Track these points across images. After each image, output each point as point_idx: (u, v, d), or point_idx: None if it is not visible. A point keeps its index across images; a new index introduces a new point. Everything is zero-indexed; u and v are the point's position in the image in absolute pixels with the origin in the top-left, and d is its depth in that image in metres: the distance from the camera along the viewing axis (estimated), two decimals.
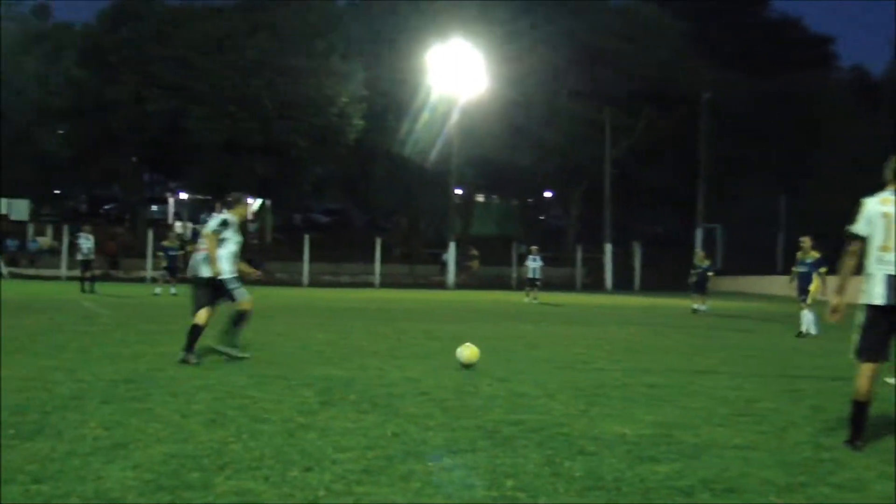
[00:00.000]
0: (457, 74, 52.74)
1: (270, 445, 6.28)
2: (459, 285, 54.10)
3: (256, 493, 5.12)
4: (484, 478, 5.59)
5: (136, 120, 52.90)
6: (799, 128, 72.81)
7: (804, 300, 19.06)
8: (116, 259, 53.42)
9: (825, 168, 71.05)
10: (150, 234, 50.57)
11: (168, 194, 78.53)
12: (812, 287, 19.00)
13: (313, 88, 53.55)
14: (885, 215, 7.09)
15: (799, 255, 19.90)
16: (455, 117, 54.18)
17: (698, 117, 65.79)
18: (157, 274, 33.52)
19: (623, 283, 58.73)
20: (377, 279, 52.28)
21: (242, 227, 12.77)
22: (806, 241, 19.87)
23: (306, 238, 51.14)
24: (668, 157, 69.88)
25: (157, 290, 32.38)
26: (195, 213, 74.52)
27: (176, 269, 31.56)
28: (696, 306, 29.84)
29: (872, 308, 6.89)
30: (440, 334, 16.78)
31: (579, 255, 59.74)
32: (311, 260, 51.16)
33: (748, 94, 72.54)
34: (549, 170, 65.70)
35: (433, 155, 57.23)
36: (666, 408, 8.44)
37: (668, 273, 58.95)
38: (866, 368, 6.98)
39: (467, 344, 11.83)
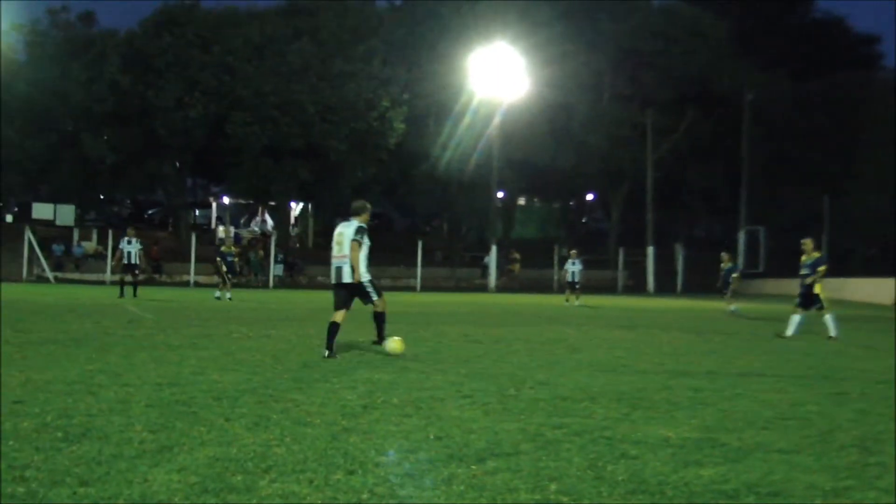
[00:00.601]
0: (498, 77, 52.73)
1: (314, 448, 6.30)
2: (501, 288, 54.13)
3: (300, 496, 5.14)
4: (527, 481, 5.57)
5: (178, 125, 53.41)
6: (842, 129, 72.13)
7: (799, 303, 18.75)
8: (160, 263, 53.86)
9: (869, 169, 70.38)
10: (194, 239, 51.05)
11: (211, 199, 79.08)
12: (817, 289, 18.62)
13: (354, 93, 53.81)
14: None
15: (803, 258, 19.37)
16: (496, 120, 54.19)
17: (741, 119, 65.38)
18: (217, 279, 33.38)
19: (665, 286, 58.45)
20: (418, 282, 52.38)
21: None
22: (808, 244, 19.41)
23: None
24: (710, 158, 69.46)
25: (217, 293, 32.36)
26: (237, 217, 75.01)
27: (233, 273, 31.79)
28: (732, 308, 29.68)
29: None
30: (481, 337, 16.79)
31: (621, 257, 59.60)
32: None
33: (791, 94, 72.01)
34: (591, 172, 65.48)
35: (474, 158, 57.25)
36: (709, 411, 8.38)
37: (711, 276, 58.68)
38: None
39: (394, 338, 12.96)
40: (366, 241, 13.03)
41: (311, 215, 67.32)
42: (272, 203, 65.25)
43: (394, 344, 12.88)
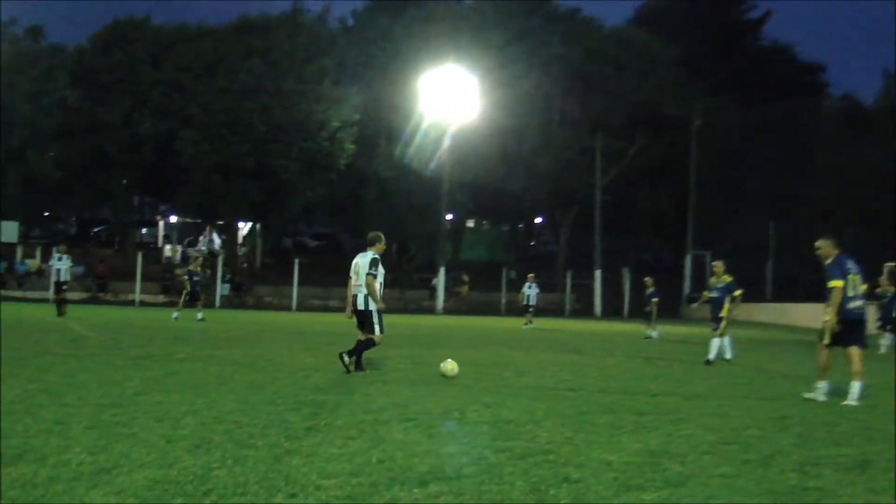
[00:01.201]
0: (449, 100, 52.88)
1: (255, 471, 6.25)
2: (449, 310, 54.09)
3: None
4: None
5: (127, 142, 53.02)
6: (789, 155, 73.05)
7: (716, 328, 18.41)
8: (105, 282, 53.32)
9: (815, 195, 71.27)
10: (140, 257, 50.59)
11: (159, 217, 78.39)
12: (723, 312, 18.33)
13: (305, 113, 53.69)
14: None
15: (712, 280, 19.20)
16: (447, 143, 54.29)
17: (689, 144, 66.06)
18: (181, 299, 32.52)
19: (612, 310, 58.77)
20: None
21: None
22: (718, 266, 18.97)
23: (296, 262, 51.11)
24: (658, 183, 70.05)
25: (176, 313, 30.86)
26: (185, 235, 74.43)
27: (198, 294, 31.21)
28: (651, 333, 30.17)
29: None
30: (428, 359, 16.76)
31: (569, 280, 59.81)
32: (301, 284, 51.14)
33: (739, 120, 72.86)
34: (540, 195, 65.76)
35: (424, 180, 57.28)
36: (653, 435, 8.43)
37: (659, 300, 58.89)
38: None
39: (448, 360, 13.25)
40: (381, 271, 14.29)
41: (259, 235, 66.93)
42: (220, 222, 64.78)
43: (450, 366, 13.43)
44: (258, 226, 66.15)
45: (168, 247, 70.07)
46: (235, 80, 52.85)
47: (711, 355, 17.91)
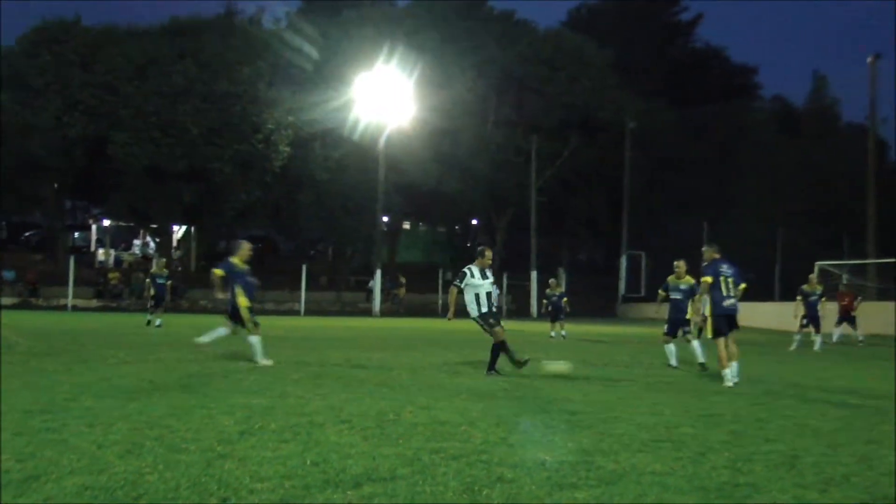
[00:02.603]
0: (384, 102, 52.88)
1: (187, 476, 6.19)
2: (386, 313, 54.06)
3: None
4: None
5: (58, 145, 52.21)
6: (722, 156, 74.01)
7: (687, 331, 18.10)
8: (36, 287, 52.54)
9: (747, 195, 72.25)
10: (72, 262, 49.90)
11: (91, 221, 77.36)
12: (689, 314, 17.97)
13: (238, 115, 53.34)
14: None
15: (671, 278, 18.74)
16: (382, 145, 54.25)
17: (623, 146, 66.65)
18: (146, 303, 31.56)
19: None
20: (302, 307, 52.02)
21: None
22: (681, 266, 18.60)
23: None
24: (593, 184, 70.64)
25: (158, 321, 30.04)
26: (119, 239, 73.57)
27: (162, 298, 30.52)
28: (552, 333, 30.70)
29: None
30: (364, 362, 16.74)
31: (505, 282, 60.05)
32: None
33: (672, 122, 73.65)
34: (476, 197, 66.00)
35: (360, 182, 57.19)
36: (586, 434, 8.48)
37: (593, 300, 59.44)
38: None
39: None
40: (472, 283, 15.19)
41: (194, 238, 66.34)
42: (154, 226, 64.10)
43: (560, 366, 15.00)
44: (192, 229, 65.58)
45: (101, 251, 69.18)
46: (167, 81, 52.35)
47: (701, 359, 17.35)
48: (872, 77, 48.91)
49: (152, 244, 68.08)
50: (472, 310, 15.24)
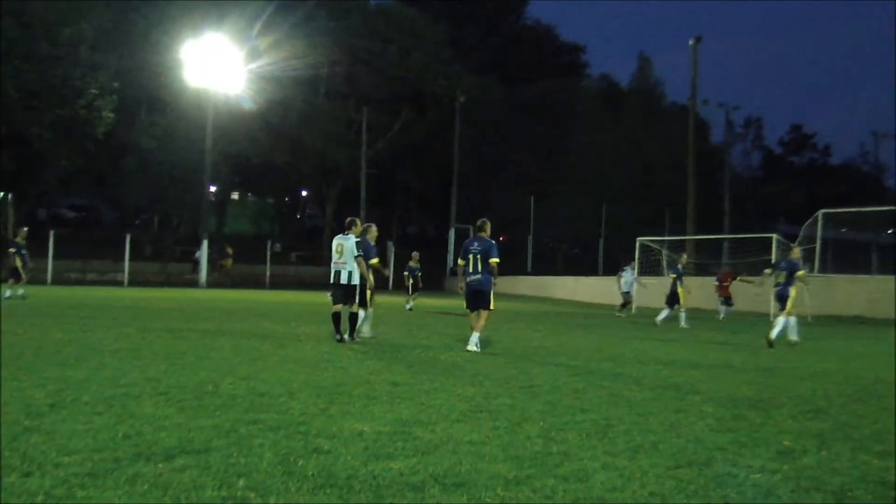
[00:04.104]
0: (213, 70, 51.83)
1: None
2: (212, 284, 53.24)
3: None
4: (215, 478, 5.46)
5: None
6: (549, 133, 75.37)
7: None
8: None
9: (574, 171, 73.83)
10: None
11: None
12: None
13: (60, 78, 51.39)
14: None
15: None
16: (210, 114, 53.21)
17: (453, 120, 67.16)
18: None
19: (378, 283, 59.16)
20: (126, 277, 50.77)
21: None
22: (795, 251, 20.62)
23: (51, 234, 49.04)
24: (424, 158, 71.03)
25: (8, 292, 28.41)
26: None
27: (25, 267, 28.96)
28: (408, 305, 32.34)
29: None
30: (186, 333, 16.45)
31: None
32: (57, 257, 49.15)
33: (502, 99, 74.59)
34: (306, 169, 65.58)
35: (187, 151, 56.08)
36: (406, 405, 8.51)
37: (423, 273, 59.61)
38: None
39: None
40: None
41: (11, 205, 63.85)
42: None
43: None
44: (10, 196, 63.10)
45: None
46: None
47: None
48: (694, 58, 50.49)
49: None
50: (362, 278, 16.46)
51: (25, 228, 31.20)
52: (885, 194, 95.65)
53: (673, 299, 27.09)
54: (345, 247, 16.17)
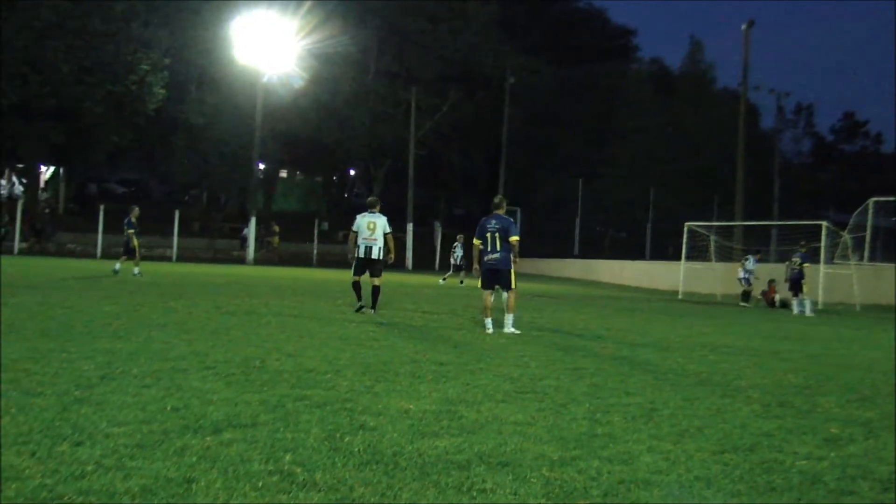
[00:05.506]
0: (263, 47, 51.99)
1: (40, 420, 6.02)
2: (259, 261, 53.58)
3: (19, 468, 4.89)
4: (262, 452, 5.50)
5: None
6: (599, 116, 74.98)
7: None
8: None
9: (621, 156, 73.46)
10: None
11: None
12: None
13: (112, 54, 51.76)
14: None
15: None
16: (260, 91, 53.43)
17: (502, 102, 66.96)
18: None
19: (423, 263, 59.30)
20: (174, 252, 51.19)
21: None
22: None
23: (101, 208, 49.50)
24: (472, 139, 70.93)
25: (136, 270, 28.74)
26: None
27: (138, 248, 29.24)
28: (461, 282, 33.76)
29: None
30: (233, 309, 16.56)
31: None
32: (106, 231, 49.53)
33: (551, 81, 74.23)
34: (354, 148, 65.68)
35: (236, 128, 56.37)
36: (452, 384, 8.53)
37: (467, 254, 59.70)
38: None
39: None
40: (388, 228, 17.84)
41: (62, 180, 64.59)
42: (20, 165, 62.06)
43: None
44: (61, 170, 63.83)
45: None
46: (37, 16, 50.42)
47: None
48: (746, 43, 49.91)
49: (18, 185, 66.00)
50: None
51: (137, 208, 31.30)
52: None
53: (796, 286, 27.35)
54: (377, 224, 17.55)
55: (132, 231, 28.72)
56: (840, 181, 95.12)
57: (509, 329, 14.72)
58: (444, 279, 34.76)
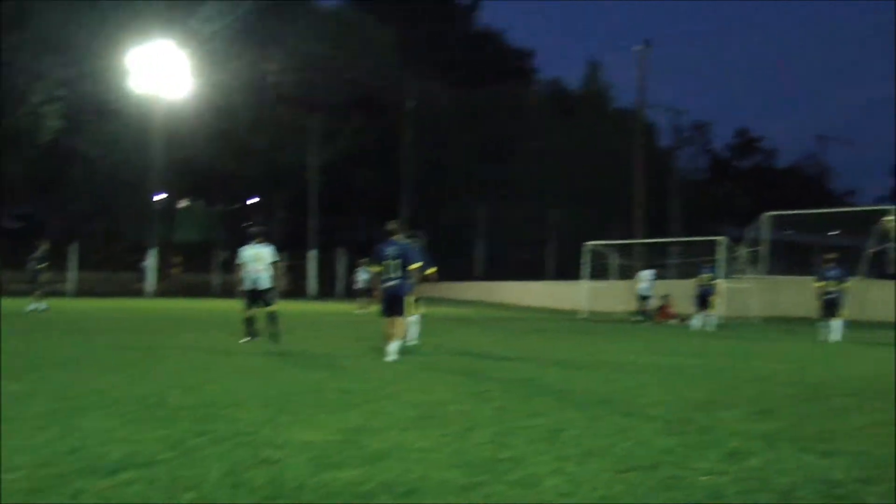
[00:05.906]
0: (160, 76, 51.41)
1: None
2: (160, 293, 52.77)
3: None
4: (162, 491, 5.38)
5: None
6: (498, 138, 75.44)
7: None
8: None
9: (523, 177, 73.96)
10: None
11: None
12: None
13: (2, 85, 50.64)
14: None
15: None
16: (157, 120, 52.76)
17: (403, 126, 67.12)
18: None
19: (325, 290, 59.03)
20: (72, 287, 50.16)
21: None
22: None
23: None
24: (373, 164, 70.91)
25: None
26: None
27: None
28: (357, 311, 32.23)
29: None
30: (132, 344, 16.28)
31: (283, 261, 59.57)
32: (4, 267, 48.28)
33: (452, 103, 74.56)
34: (254, 175, 65.20)
35: (134, 158, 55.55)
36: (355, 413, 8.45)
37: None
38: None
39: None
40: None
41: None
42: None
43: None
44: None
45: None
46: None
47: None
48: (641, 64, 50.85)
49: None
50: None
51: (47, 242, 30.67)
52: (829, 197, 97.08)
53: (703, 302, 27.73)
54: (263, 254, 17.83)
55: (42, 266, 28.25)
56: (735, 196, 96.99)
57: (390, 357, 14.17)
58: (357, 311, 33.79)
